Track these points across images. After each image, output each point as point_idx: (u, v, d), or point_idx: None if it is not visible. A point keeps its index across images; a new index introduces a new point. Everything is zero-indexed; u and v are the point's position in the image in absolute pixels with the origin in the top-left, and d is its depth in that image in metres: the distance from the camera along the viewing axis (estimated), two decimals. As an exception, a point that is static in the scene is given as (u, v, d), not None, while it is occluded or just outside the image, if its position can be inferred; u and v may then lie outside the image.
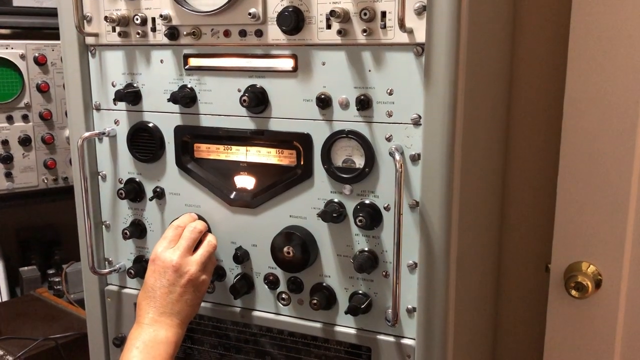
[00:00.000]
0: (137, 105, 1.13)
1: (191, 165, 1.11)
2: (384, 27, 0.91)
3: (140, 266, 1.17)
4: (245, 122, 1.05)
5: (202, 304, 1.14)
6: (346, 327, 1.04)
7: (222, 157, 1.09)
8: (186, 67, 1.07)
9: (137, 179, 1.16)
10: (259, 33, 1.00)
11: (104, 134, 1.16)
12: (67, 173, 1.83)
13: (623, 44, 1.07)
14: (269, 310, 1.10)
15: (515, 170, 1.35)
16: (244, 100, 1.00)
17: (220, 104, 1.06)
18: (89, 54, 1.15)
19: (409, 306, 0.98)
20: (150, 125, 1.12)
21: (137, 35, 1.09)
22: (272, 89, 1.02)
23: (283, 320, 1.08)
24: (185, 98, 1.06)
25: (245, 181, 1.07)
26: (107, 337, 1.25)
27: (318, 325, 1.06)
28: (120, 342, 1.22)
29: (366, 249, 0.99)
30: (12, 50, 1.72)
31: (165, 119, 1.11)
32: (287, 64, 0.99)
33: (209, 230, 1.10)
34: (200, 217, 1.11)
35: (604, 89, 1.09)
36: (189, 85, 1.07)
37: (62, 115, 1.81)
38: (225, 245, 1.11)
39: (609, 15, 1.07)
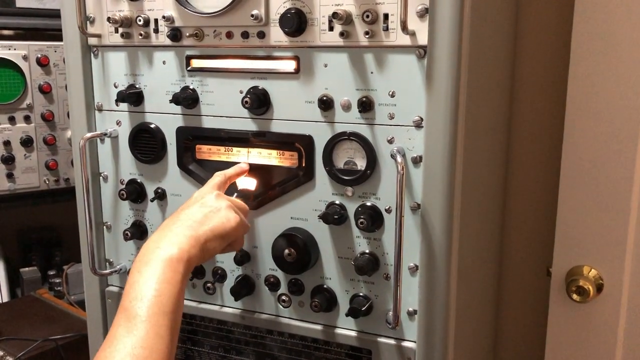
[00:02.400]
0: (139, 106, 1.13)
1: (193, 166, 1.11)
2: (386, 29, 0.91)
3: (141, 267, 1.17)
4: (247, 124, 1.05)
5: (203, 306, 1.14)
6: (347, 330, 1.04)
7: (224, 158, 1.09)
8: (188, 68, 1.08)
9: (139, 180, 1.16)
10: (262, 35, 1.00)
11: (105, 134, 1.16)
12: (68, 174, 1.84)
13: (626, 47, 1.07)
14: (269, 312, 1.09)
15: (516, 173, 1.35)
16: (246, 102, 1.00)
17: (222, 105, 1.06)
18: (92, 54, 1.15)
19: (410, 309, 0.98)
20: (152, 126, 1.12)
21: (140, 37, 1.09)
22: (274, 90, 1.02)
23: (283, 322, 1.08)
24: (187, 99, 1.07)
25: (246, 183, 1.07)
26: (108, 338, 1.24)
27: (318, 327, 1.05)
28: (120, 343, 1.22)
29: (367, 251, 0.99)
30: (15, 51, 1.73)
31: (167, 120, 1.11)
32: (289, 65, 1.00)
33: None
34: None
35: (606, 93, 1.09)
36: (191, 87, 1.08)
37: (64, 116, 1.81)
38: (226, 247, 1.10)
39: (611, 18, 1.07)
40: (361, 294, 1.01)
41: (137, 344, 0.75)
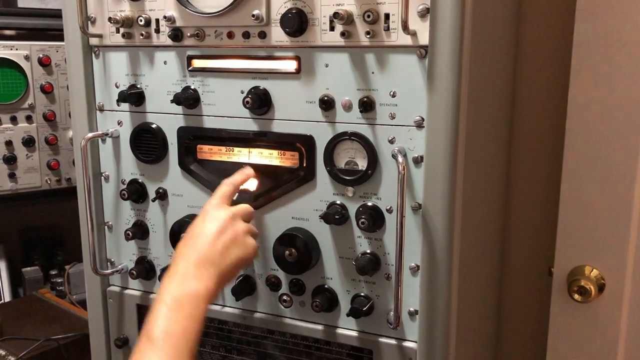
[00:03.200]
0: (141, 106, 1.13)
1: (194, 166, 1.11)
2: (387, 29, 0.91)
3: (142, 267, 1.17)
4: (248, 124, 1.05)
5: (204, 306, 1.14)
6: (348, 330, 1.04)
7: (225, 158, 1.09)
8: (189, 68, 1.08)
9: (140, 180, 1.16)
10: (263, 35, 1.00)
11: (107, 134, 1.16)
12: (70, 174, 1.84)
13: (627, 45, 1.07)
14: (270, 312, 1.09)
15: (518, 172, 1.35)
16: (247, 102, 1.00)
17: (224, 105, 1.06)
18: (93, 54, 1.15)
19: (411, 309, 0.98)
20: (154, 126, 1.12)
21: (141, 37, 1.09)
22: (275, 90, 1.02)
23: (285, 322, 1.08)
24: (188, 99, 1.07)
25: (247, 183, 1.07)
26: (109, 338, 1.25)
27: (320, 327, 1.05)
28: (122, 343, 1.22)
29: (368, 251, 0.99)
30: (17, 51, 1.73)
31: (169, 120, 1.11)
32: (291, 65, 0.99)
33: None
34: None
35: (608, 92, 1.09)
36: (192, 87, 1.08)
37: (66, 116, 1.81)
38: (228, 247, 1.10)
39: (613, 16, 1.07)
40: (362, 294, 1.01)
41: None
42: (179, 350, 0.81)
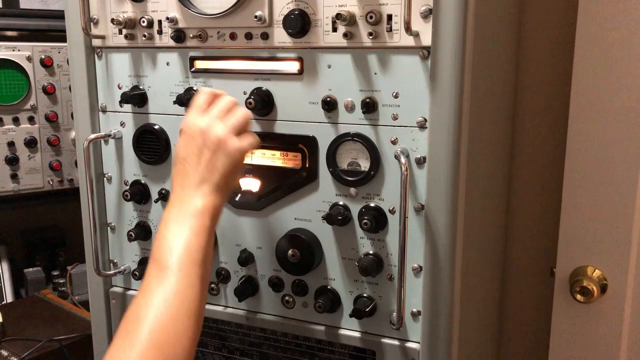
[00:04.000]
0: (143, 108, 1.13)
1: (196, 167, 1.11)
2: (390, 30, 0.91)
3: (144, 268, 1.16)
4: (250, 125, 1.05)
5: (207, 307, 1.14)
6: (350, 331, 1.04)
7: (228, 159, 1.09)
8: (192, 69, 1.08)
9: (143, 181, 1.16)
10: (265, 36, 1.00)
11: (109, 135, 1.16)
12: (72, 175, 1.84)
13: (629, 47, 1.07)
14: (273, 313, 1.10)
15: (520, 173, 1.35)
16: (250, 103, 1.00)
17: (226, 106, 1.06)
18: (95, 56, 1.15)
19: (414, 310, 0.98)
20: (156, 127, 1.12)
21: (144, 38, 1.09)
22: (277, 91, 1.02)
23: (287, 323, 1.08)
24: (191, 100, 1.06)
25: (250, 184, 1.07)
26: (112, 338, 1.24)
27: (322, 328, 1.05)
28: (124, 343, 1.22)
29: (371, 252, 0.99)
30: (19, 52, 1.73)
31: (171, 121, 1.11)
32: (293, 66, 1.00)
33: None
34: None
35: (610, 93, 1.09)
36: (195, 88, 1.08)
37: (68, 117, 1.81)
38: (230, 248, 1.11)
39: (615, 17, 1.07)
40: (365, 295, 1.01)
41: (170, 293, 0.79)
42: (183, 264, 0.80)
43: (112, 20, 1.09)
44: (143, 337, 0.75)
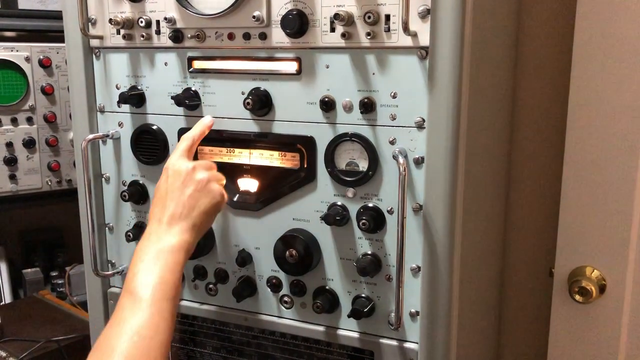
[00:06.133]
0: (141, 108, 1.13)
1: (195, 167, 1.11)
2: (388, 30, 0.91)
3: (143, 268, 1.17)
4: (248, 125, 1.05)
5: (205, 307, 1.14)
6: (349, 331, 1.04)
7: (226, 159, 1.09)
8: (190, 69, 1.08)
9: (141, 181, 1.16)
10: (263, 36, 1.00)
11: (107, 136, 1.16)
12: (70, 175, 1.84)
13: (628, 46, 1.07)
14: (271, 313, 1.09)
15: (519, 173, 1.35)
16: (248, 103, 1.00)
17: (224, 106, 1.06)
18: (94, 56, 1.15)
19: (412, 310, 0.98)
20: (154, 127, 1.12)
21: (142, 38, 1.09)
22: (275, 91, 1.02)
23: (286, 323, 1.08)
24: (189, 100, 1.07)
25: (248, 184, 1.07)
26: (110, 339, 1.24)
27: (321, 328, 1.05)
28: (122, 344, 1.22)
29: (369, 252, 0.99)
30: (17, 52, 1.73)
31: (169, 122, 1.11)
32: (291, 67, 1.00)
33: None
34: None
35: (609, 93, 1.09)
36: (193, 88, 1.08)
37: (67, 117, 1.81)
38: (228, 248, 1.11)
39: (613, 17, 1.07)
40: (363, 295, 1.01)
41: (143, 325, 0.80)
42: (157, 298, 0.83)
43: (110, 21, 1.09)
44: None
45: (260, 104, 1.01)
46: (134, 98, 1.11)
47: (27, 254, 2.08)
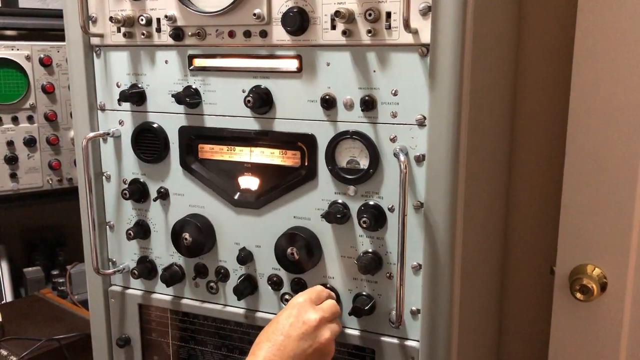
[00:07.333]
0: (142, 106, 1.13)
1: (195, 165, 1.11)
2: (389, 27, 0.91)
3: (143, 267, 1.17)
4: (249, 123, 1.05)
5: (206, 305, 1.14)
6: (350, 329, 1.03)
7: (226, 157, 1.09)
8: (191, 67, 1.07)
9: (142, 180, 1.16)
10: (264, 34, 1.00)
11: (108, 134, 1.16)
12: (71, 174, 1.84)
13: (629, 46, 1.07)
14: (272, 311, 1.09)
15: (520, 171, 1.34)
16: (249, 101, 1.00)
17: (225, 104, 1.06)
18: (94, 54, 1.15)
19: (413, 308, 0.98)
20: (155, 125, 1.12)
21: (142, 36, 1.09)
22: (276, 89, 1.01)
23: (287, 321, 1.08)
24: (189, 98, 1.06)
25: (249, 182, 1.07)
26: (111, 337, 1.25)
27: (322, 326, 1.05)
28: (123, 342, 1.22)
29: (370, 250, 0.99)
30: (18, 51, 1.73)
31: (170, 120, 1.11)
32: (292, 64, 0.99)
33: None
34: (205, 218, 1.11)
35: (610, 92, 1.09)
36: (193, 86, 1.08)
37: (67, 116, 1.81)
38: (229, 246, 1.10)
39: (614, 16, 1.07)
40: (364, 293, 1.01)
41: None
42: None
43: (111, 19, 1.09)
44: None
45: (261, 101, 1.01)
46: (135, 96, 1.11)
47: (28, 252, 2.08)
